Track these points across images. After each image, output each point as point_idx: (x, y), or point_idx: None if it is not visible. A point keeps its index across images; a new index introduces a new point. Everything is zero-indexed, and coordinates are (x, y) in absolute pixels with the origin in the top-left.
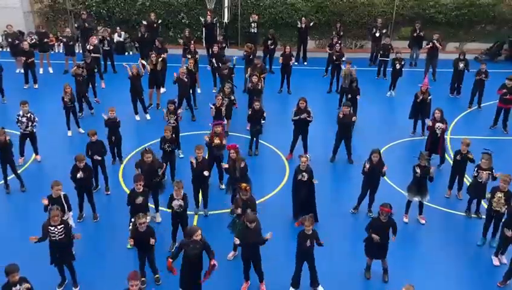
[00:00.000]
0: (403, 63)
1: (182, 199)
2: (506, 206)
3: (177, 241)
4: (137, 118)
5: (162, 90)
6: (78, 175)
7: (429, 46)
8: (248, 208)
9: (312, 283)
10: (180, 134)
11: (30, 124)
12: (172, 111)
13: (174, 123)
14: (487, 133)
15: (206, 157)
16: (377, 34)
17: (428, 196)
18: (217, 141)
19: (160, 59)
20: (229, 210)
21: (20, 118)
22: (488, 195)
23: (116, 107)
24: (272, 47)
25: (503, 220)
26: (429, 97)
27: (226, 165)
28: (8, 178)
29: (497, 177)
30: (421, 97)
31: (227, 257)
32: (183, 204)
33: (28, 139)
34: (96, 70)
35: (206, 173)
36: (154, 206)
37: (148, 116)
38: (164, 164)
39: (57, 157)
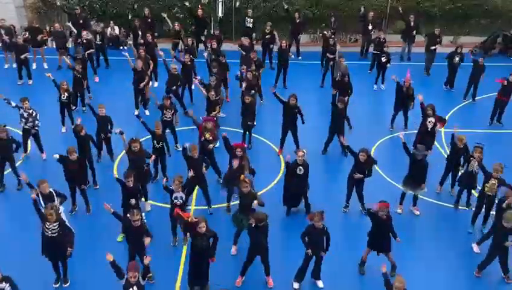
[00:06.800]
0: (389, 57)
1: (181, 191)
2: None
3: (177, 235)
4: (136, 112)
5: (155, 84)
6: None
7: (437, 46)
8: (250, 201)
9: (314, 275)
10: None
11: (31, 120)
12: (168, 106)
13: (169, 118)
14: (481, 126)
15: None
16: (370, 27)
17: (425, 189)
18: (207, 135)
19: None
20: (225, 205)
21: (21, 112)
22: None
23: (111, 102)
24: (269, 41)
25: (494, 211)
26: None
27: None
28: (5, 173)
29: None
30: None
31: (230, 252)
32: (183, 196)
33: (30, 136)
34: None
35: (204, 170)
36: (143, 196)
37: (147, 112)
38: (153, 155)
39: (50, 154)
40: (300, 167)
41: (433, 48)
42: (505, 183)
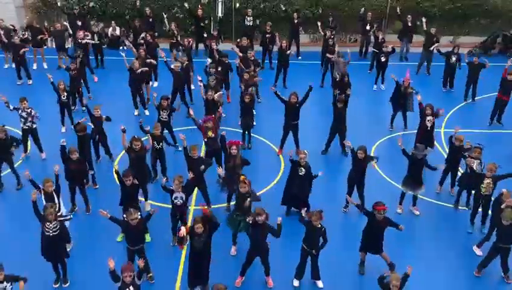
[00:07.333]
0: (388, 56)
1: (181, 191)
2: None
3: (176, 235)
4: (136, 112)
5: (154, 84)
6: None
7: (435, 45)
8: (248, 201)
9: (313, 275)
10: (175, 129)
11: (30, 119)
12: (165, 107)
13: (166, 118)
14: (481, 126)
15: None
16: (367, 27)
17: (424, 189)
18: (210, 133)
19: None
20: (225, 205)
21: (20, 112)
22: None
23: (111, 102)
24: (269, 41)
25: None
26: (412, 91)
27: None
28: (2, 174)
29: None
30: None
31: (230, 252)
32: (183, 197)
33: (30, 136)
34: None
35: (202, 167)
36: (143, 196)
37: (147, 112)
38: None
39: (50, 154)
40: (302, 168)
41: (431, 48)
42: (500, 177)
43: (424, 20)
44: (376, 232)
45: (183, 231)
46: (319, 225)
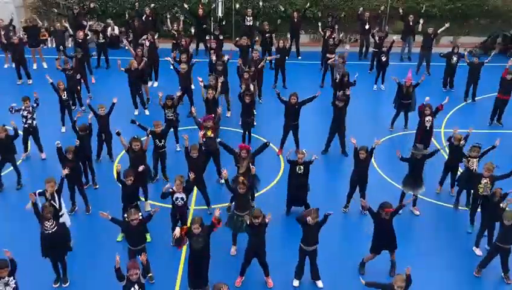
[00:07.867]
0: (388, 55)
1: (182, 191)
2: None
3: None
4: (136, 112)
5: (155, 84)
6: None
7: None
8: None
9: (313, 276)
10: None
11: (30, 116)
12: (169, 106)
13: (172, 116)
14: (482, 126)
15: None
16: (366, 27)
17: (424, 188)
18: (209, 133)
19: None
20: (226, 205)
21: (21, 113)
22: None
23: (110, 102)
24: (269, 41)
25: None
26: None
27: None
28: (2, 173)
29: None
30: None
31: (230, 252)
32: (184, 197)
33: (30, 136)
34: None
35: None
36: (143, 196)
37: (147, 112)
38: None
39: (50, 154)
40: (301, 166)
41: (433, 38)
42: (499, 177)
43: (421, 21)
44: (386, 228)
45: (177, 231)
46: (314, 222)
